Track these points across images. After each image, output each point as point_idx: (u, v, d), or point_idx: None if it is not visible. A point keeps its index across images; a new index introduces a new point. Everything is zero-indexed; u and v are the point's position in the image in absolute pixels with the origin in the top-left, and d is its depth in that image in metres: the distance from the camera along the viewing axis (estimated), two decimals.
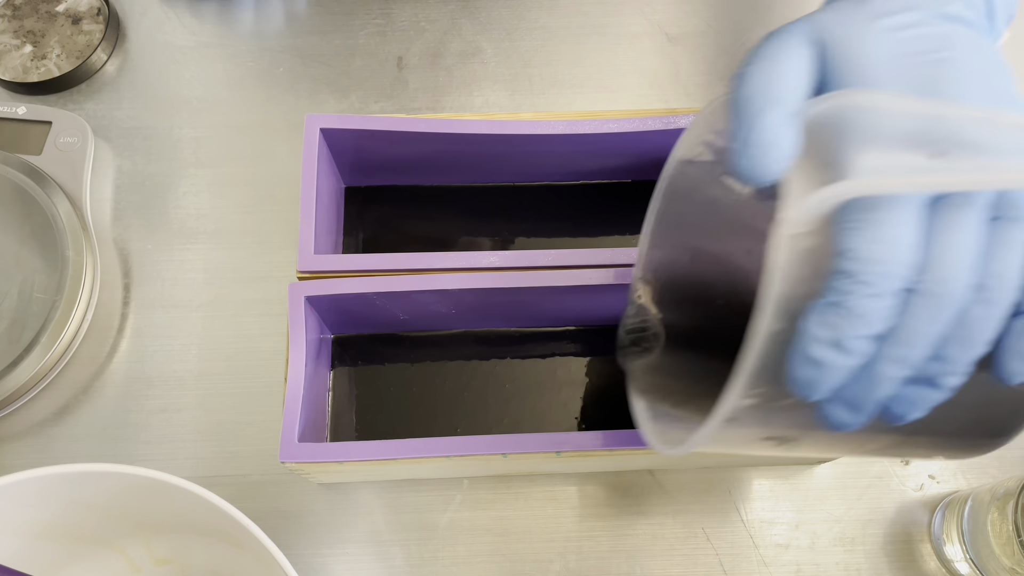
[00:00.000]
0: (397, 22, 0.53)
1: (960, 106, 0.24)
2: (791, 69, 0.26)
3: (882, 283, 0.22)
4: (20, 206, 0.46)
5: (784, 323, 0.24)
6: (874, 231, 0.22)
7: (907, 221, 0.23)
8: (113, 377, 0.45)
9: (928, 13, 0.27)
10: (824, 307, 0.23)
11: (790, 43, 0.27)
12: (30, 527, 0.38)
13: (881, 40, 0.26)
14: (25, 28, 0.51)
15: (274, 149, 0.50)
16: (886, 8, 0.27)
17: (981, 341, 0.23)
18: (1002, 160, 0.23)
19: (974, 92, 0.25)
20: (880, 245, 0.22)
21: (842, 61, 0.26)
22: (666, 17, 0.54)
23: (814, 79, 0.27)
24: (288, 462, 0.36)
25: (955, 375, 0.24)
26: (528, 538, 0.43)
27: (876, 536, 0.43)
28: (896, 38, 0.26)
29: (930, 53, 0.26)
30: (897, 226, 0.23)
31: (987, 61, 0.27)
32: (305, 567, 0.42)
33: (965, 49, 0.26)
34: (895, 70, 0.26)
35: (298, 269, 0.39)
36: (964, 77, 0.25)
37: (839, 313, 0.23)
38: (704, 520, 0.43)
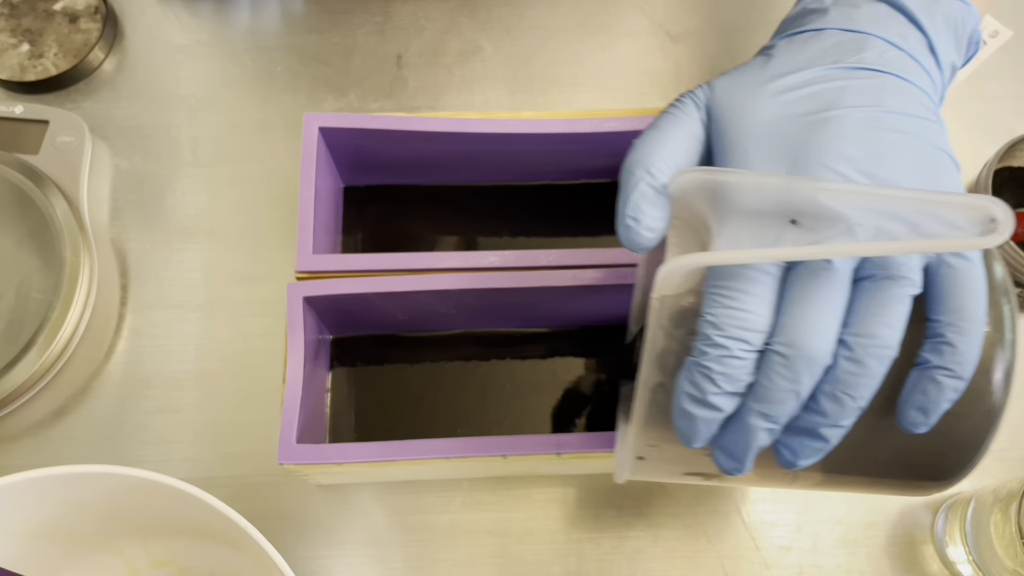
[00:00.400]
0: (396, 20, 0.53)
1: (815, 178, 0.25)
2: (673, 140, 0.28)
3: (734, 345, 0.24)
4: (17, 206, 0.46)
5: (665, 377, 0.26)
6: (727, 298, 0.25)
7: (757, 288, 0.25)
8: (111, 378, 0.45)
9: (832, 68, 0.28)
10: (691, 365, 0.25)
11: (681, 113, 0.29)
12: (27, 528, 0.37)
13: (764, 105, 0.27)
14: (22, 27, 0.51)
15: (273, 148, 0.50)
16: (783, 69, 0.28)
17: (859, 396, 0.25)
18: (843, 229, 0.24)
19: (847, 150, 0.26)
20: (732, 311, 0.24)
21: (724, 130, 0.28)
22: (667, 16, 0.54)
23: (702, 147, 0.28)
24: (286, 463, 0.36)
25: (835, 427, 0.25)
26: (528, 540, 0.43)
27: (878, 538, 0.43)
28: (782, 100, 0.27)
29: (814, 114, 0.27)
30: (747, 293, 0.24)
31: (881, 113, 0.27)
32: (303, 569, 0.42)
33: (857, 104, 0.27)
34: (770, 137, 0.27)
35: (297, 269, 0.39)
36: (838, 137, 0.26)
37: (700, 371, 0.25)
38: (706, 522, 0.43)
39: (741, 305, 0.24)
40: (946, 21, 0.30)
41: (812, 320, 0.24)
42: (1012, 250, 0.41)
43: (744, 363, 0.25)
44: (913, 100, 0.28)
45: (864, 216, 0.24)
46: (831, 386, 0.25)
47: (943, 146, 0.28)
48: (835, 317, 0.24)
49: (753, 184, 0.25)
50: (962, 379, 0.25)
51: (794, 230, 0.25)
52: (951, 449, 0.28)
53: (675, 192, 0.27)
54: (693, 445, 0.26)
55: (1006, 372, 0.27)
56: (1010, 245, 0.41)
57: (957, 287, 0.25)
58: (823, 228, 0.24)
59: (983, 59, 0.52)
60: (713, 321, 0.25)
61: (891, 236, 0.24)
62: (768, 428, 0.25)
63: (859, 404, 0.25)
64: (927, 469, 0.28)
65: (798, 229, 0.25)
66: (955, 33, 0.31)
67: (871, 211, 0.24)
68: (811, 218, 0.24)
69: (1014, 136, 0.42)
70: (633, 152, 0.28)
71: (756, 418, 0.25)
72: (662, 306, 0.26)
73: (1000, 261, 0.28)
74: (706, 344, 0.25)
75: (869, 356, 0.24)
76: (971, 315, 0.25)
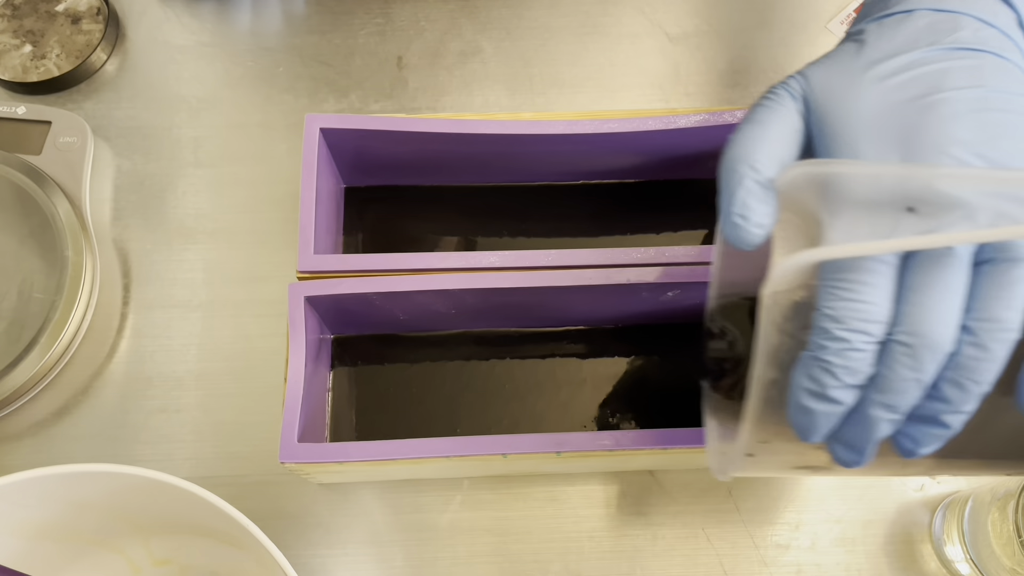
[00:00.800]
0: (397, 21, 0.53)
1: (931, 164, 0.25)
2: (773, 133, 0.27)
3: (855, 338, 0.24)
4: (19, 206, 0.46)
5: (779, 373, 0.26)
6: (846, 290, 0.24)
7: (876, 279, 0.24)
8: (112, 377, 0.45)
9: (929, 50, 0.27)
10: (808, 360, 0.25)
11: (777, 104, 0.28)
12: (29, 527, 0.38)
13: (867, 93, 0.27)
14: (25, 28, 0.51)
15: (274, 149, 0.50)
16: (880, 54, 0.28)
17: (982, 381, 0.24)
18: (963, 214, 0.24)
19: (960, 134, 0.25)
20: (851, 303, 0.24)
21: (827, 120, 0.27)
22: (666, 16, 0.54)
23: (802, 138, 0.28)
24: (288, 462, 0.36)
25: (958, 413, 0.25)
26: (528, 539, 0.43)
27: (877, 536, 0.43)
28: (885, 87, 0.27)
29: (921, 98, 0.26)
30: (866, 285, 0.24)
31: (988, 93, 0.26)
32: (305, 568, 0.42)
33: (962, 85, 0.26)
34: (879, 124, 0.26)
35: (298, 269, 0.39)
36: (950, 121, 0.26)
37: (820, 366, 0.24)
38: (704, 521, 0.43)
39: (861, 297, 0.24)
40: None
41: (934, 307, 0.24)
42: None
43: (865, 355, 0.24)
44: (1013, 78, 0.27)
45: (984, 200, 0.24)
46: (954, 372, 0.24)
47: None
48: (957, 303, 0.24)
49: (867, 174, 0.25)
50: None
51: (912, 218, 0.24)
52: None
53: (784, 187, 0.26)
54: (811, 440, 0.26)
55: None
56: None
57: None
58: (942, 215, 0.24)
59: None
60: (832, 314, 0.24)
61: (1013, 219, 0.24)
62: (891, 419, 0.25)
63: (982, 389, 0.24)
64: None
65: (916, 217, 0.24)
66: None
67: (990, 195, 0.24)
68: (929, 205, 0.24)
69: None
70: (733, 147, 0.27)
71: (879, 409, 0.25)
72: (774, 302, 0.25)
73: None
74: (825, 338, 0.24)
75: (992, 340, 0.24)
76: None
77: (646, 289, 0.40)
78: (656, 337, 0.45)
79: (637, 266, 0.39)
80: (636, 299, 0.41)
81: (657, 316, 0.44)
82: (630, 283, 0.39)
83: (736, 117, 0.42)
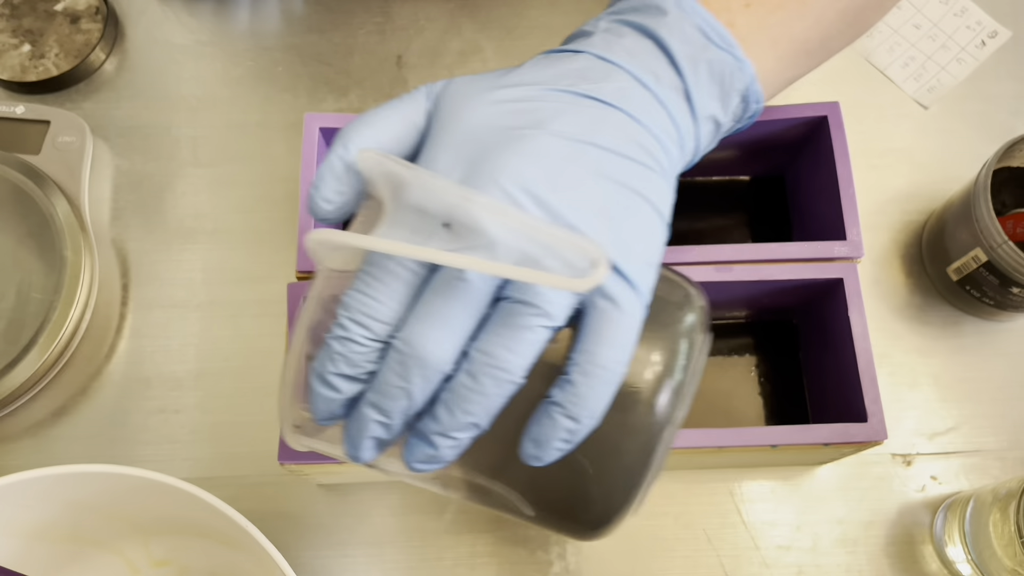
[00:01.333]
0: (396, 20, 0.53)
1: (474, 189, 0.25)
2: (385, 123, 0.28)
3: (355, 330, 0.25)
4: (18, 206, 0.46)
5: (312, 349, 0.26)
6: (363, 283, 0.25)
7: (391, 280, 0.25)
8: (111, 377, 0.45)
9: (560, 90, 0.28)
10: (324, 342, 0.26)
11: (408, 98, 0.29)
12: (28, 528, 0.37)
13: (476, 110, 0.27)
14: (23, 27, 0.51)
15: (273, 148, 0.50)
16: (517, 80, 0.28)
17: (471, 412, 0.24)
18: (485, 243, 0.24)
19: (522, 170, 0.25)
20: (362, 296, 0.25)
21: (435, 123, 0.28)
22: None
23: (418, 135, 0.28)
24: (287, 463, 0.36)
25: (447, 438, 0.25)
26: (528, 539, 0.43)
27: (878, 537, 0.43)
28: (495, 110, 0.27)
29: (513, 129, 0.27)
30: (380, 282, 0.25)
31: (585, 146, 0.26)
32: (304, 569, 0.42)
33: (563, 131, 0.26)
34: (463, 141, 0.27)
35: (297, 269, 0.39)
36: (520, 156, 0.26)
37: (326, 350, 0.25)
38: (705, 521, 0.43)
39: (372, 292, 0.25)
40: (711, 71, 0.29)
41: (433, 324, 0.24)
42: (1011, 250, 0.41)
43: (364, 349, 0.25)
44: (634, 143, 0.27)
45: (510, 237, 0.24)
46: (447, 395, 0.25)
47: (645, 194, 0.27)
48: (459, 326, 0.24)
49: (418, 181, 0.25)
50: (577, 420, 0.25)
51: (444, 235, 0.25)
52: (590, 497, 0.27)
53: (362, 171, 0.27)
54: (319, 420, 0.26)
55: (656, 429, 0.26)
56: (1009, 245, 0.41)
57: (592, 328, 0.25)
58: (469, 239, 0.24)
59: (983, 59, 0.52)
60: (346, 302, 0.25)
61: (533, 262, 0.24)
62: (380, 421, 0.25)
63: (471, 420, 0.24)
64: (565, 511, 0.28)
65: (448, 234, 0.25)
66: (720, 85, 0.30)
67: (516, 234, 0.24)
68: (462, 227, 0.24)
69: (1014, 136, 0.42)
70: (347, 126, 0.28)
71: (368, 407, 0.25)
72: (324, 280, 0.27)
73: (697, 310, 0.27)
74: (336, 324, 0.25)
75: (484, 374, 0.24)
76: (600, 359, 0.25)
77: None
78: None
79: None
80: None
81: None
82: None
83: None
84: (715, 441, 0.37)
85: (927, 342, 0.47)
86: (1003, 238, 0.41)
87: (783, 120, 0.42)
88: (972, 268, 0.44)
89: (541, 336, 0.24)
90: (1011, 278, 0.42)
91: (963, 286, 0.45)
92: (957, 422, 0.45)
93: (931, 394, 0.46)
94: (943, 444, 0.45)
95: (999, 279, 0.43)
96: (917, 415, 0.45)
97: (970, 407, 0.46)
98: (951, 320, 0.47)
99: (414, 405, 0.25)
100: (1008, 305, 0.44)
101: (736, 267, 0.39)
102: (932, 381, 0.46)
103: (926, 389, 0.46)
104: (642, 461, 0.26)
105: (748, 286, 0.40)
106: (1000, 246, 0.41)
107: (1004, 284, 0.43)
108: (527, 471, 0.26)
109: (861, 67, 0.52)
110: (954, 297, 0.47)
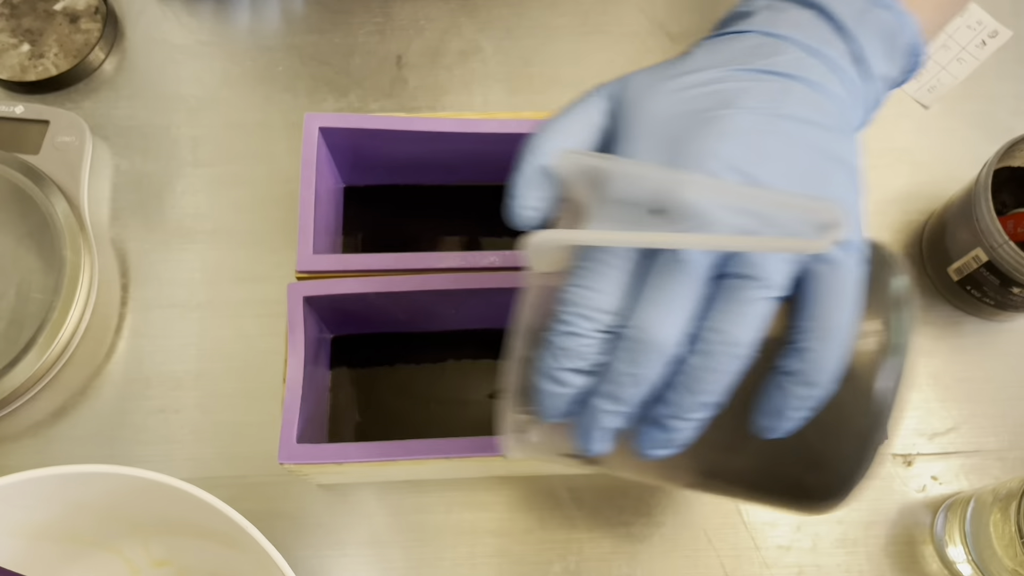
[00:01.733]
0: (396, 21, 0.53)
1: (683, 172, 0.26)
2: (569, 126, 0.28)
3: (580, 323, 0.25)
4: (17, 205, 0.46)
5: (533, 351, 0.27)
6: (582, 277, 0.25)
7: (610, 271, 0.25)
8: (111, 377, 0.45)
9: (737, 69, 0.28)
10: (546, 340, 0.26)
11: (585, 101, 0.29)
12: (28, 528, 0.37)
13: (662, 100, 0.28)
14: (23, 27, 0.51)
15: (273, 148, 0.50)
16: (692, 67, 0.29)
17: (706, 391, 0.25)
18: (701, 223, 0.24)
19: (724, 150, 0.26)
20: (583, 289, 0.25)
21: (622, 120, 0.28)
22: (666, 15, 0.54)
23: (601, 135, 0.29)
24: (287, 463, 0.36)
25: (682, 420, 0.25)
26: (529, 539, 0.43)
27: (878, 538, 0.43)
28: (680, 96, 0.28)
29: (705, 111, 0.27)
30: (600, 274, 0.25)
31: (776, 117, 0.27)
32: (304, 569, 0.42)
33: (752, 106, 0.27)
34: (659, 130, 0.27)
35: (297, 269, 0.39)
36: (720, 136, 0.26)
37: (550, 347, 0.25)
38: (706, 522, 0.43)
39: (592, 284, 0.25)
40: (879, 30, 0.30)
41: (659, 308, 0.24)
42: (1012, 250, 0.41)
43: (589, 341, 0.25)
44: (819, 110, 0.28)
45: (725, 215, 0.24)
46: (680, 378, 0.25)
47: (841, 156, 0.27)
48: (685, 308, 0.25)
49: (625, 172, 0.26)
50: (814, 385, 0.25)
51: (657, 220, 0.25)
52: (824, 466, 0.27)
53: (560, 174, 0.27)
54: (546, 419, 0.26)
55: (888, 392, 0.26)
56: (1010, 245, 0.41)
57: (819, 293, 0.25)
58: (683, 222, 0.25)
59: (983, 59, 0.52)
60: (565, 297, 0.25)
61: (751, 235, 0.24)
62: (613, 411, 0.25)
63: (707, 399, 0.25)
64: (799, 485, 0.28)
65: (661, 219, 0.25)
66: (889, 43, 0.30)
67: (731, 210, 0.24)
68: (674, 211, 0.25)
69: (1014, 136, 0.42)
70: (532, 135, 0.28)
71: (600, 399, 0.25)
72: (535, 282, 0.27)
73: (903, 272, 0.27)
74: (557, 320, 0.25)
75: (718, 352, 0.24)
76: (830, 322, 0.25)
77: None
78: None
79: None
80: None
81: None
82: None
83: None
84: None
85: (927, 342, 0.47)
86: (1004, 238, 0.41)
87: None
88: (973, 268, 0.44)
89: (767, 308, 0.25)
90: (1012, 278, 0.42)
91: (963, 286, 0.45)
92: (957, 422, 0.45)
93: (931, 394, 0.46)
94: (943, 444, 0.45)
95: (999, 279, 0.43)
96: (918, 415, 0.45)
97: (970, 407, 0.46)
98: (951, 320, 0.47)
99: (646, 391, 0.25)
100: (1008, 305, 0.44)
101: None
102: (932, 381, 0.46)
103: (926, 389, 0.46)
104: (873, 424, 0.26)
105: None
106: (1001, 246, 0.41)
107: (1004, 284, 0.43)
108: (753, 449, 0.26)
109: None
110: (954, 297, 0.47)
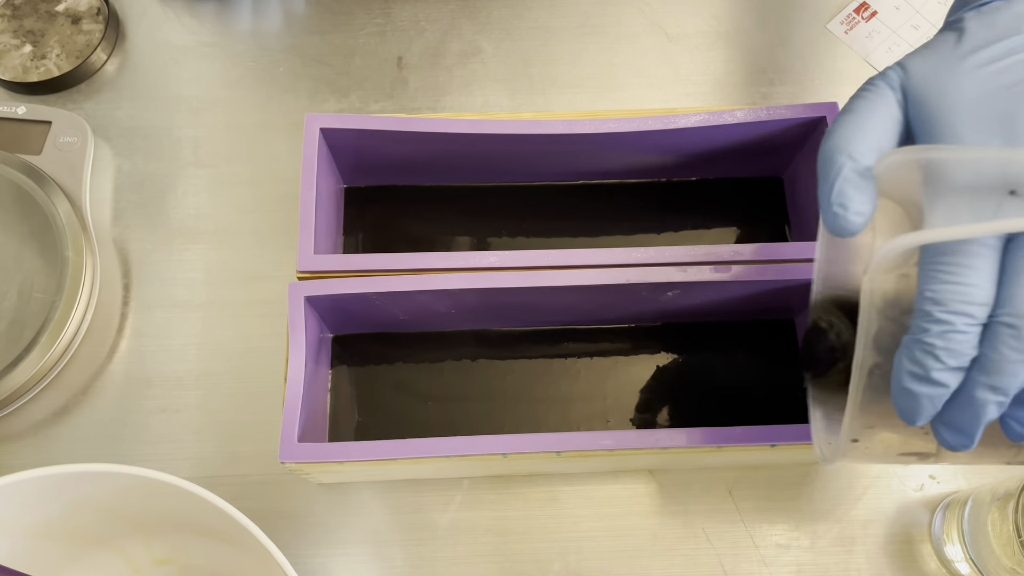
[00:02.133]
0: (397, 22, 0.53)
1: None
2: (871, 123, 0.28)
3: (957, 320, 0.24)
4: (20, 206, 0.46)
5: (881, 357, 0.26)
6: (948, 273, 0.25)
7: (977, 262, 0.24)
8: (113, 377, 0.45)
9: None
10: (911, 343, 0.25)
11: (875, 95, 0.28)
12: (29, 527, 0.38)
13: (967, 80, 0.27)
14: (25, 28, 0.51)
15: (274, 149, 0.50)
16: (979, 42, 0.28)
17: None
18: None
19: None
20: (953, 285, 0.24)
21: (927, 109, 0.27)
22: (666, 16, 0.54)
23: (900, 128, 0.28)
24: (288, 462, 0.36)
25: None
26: (528, 538, 0.43)
27: (876, 536, 0.43)
28: (984, 73, 0.27)
29: (1020, 84, 0.26)
30: (968, 267, 0.24)
31: None
32: (305, 567, 0.42)
33: None
34: (979, 111, 0.26)
35: (298, 269, 0.39)
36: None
37: (922, 348, 0.25)
38: (704, 520, 0.43)
39: (963, 279, 0.24)
40: None
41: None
42: None
43: (968, 337, 0.24)
44: None
45: None
46: None
47: None
48: None
49: (969, 158, 0.25)
50: None
51: (1015, 201, 0.24)
52: None
53: (882, 174, 0.27)
54: (916, 423, 0.26)
55: None
56: None
57: None
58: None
59: None
60: (934, 297, 0.25)
61: None
62: (997, 401, 0.25)
63: None
64: None
65: (1019, 200, 0.24)
66: None
67: None
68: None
69: None
70: (830, 138, 0.28)
71: (984, 391, 0.25)
72: (875, 288, 0.26)
73: None
74: (927, 321, 0.25)
75: None
76: None
77: (646, 289, 0.40)
78: (656, 337, 0.45)
79: (637, 266, 0.39)
80: (636, 299, 0.41)
81: (657, 316, 0.44)
82: (630, 283, 0.39)
83: (736, 117, 0.42)
84: (714, 440, 0.37)
85: None
86: None
87: (781, 121, 0.42)
88: None
89: None
90: None
91: None
92: None
93: None
94: None
95: None
96: None
97: None
98: None
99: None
100: None
101: (735, 267, 0.39)
102: None
103: None
104: None
105: (747, 286, 0.40)
106: None
107: None
108: None
109: (860, 67, 0.52)
110: None
